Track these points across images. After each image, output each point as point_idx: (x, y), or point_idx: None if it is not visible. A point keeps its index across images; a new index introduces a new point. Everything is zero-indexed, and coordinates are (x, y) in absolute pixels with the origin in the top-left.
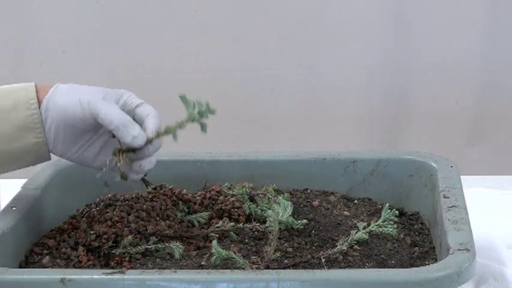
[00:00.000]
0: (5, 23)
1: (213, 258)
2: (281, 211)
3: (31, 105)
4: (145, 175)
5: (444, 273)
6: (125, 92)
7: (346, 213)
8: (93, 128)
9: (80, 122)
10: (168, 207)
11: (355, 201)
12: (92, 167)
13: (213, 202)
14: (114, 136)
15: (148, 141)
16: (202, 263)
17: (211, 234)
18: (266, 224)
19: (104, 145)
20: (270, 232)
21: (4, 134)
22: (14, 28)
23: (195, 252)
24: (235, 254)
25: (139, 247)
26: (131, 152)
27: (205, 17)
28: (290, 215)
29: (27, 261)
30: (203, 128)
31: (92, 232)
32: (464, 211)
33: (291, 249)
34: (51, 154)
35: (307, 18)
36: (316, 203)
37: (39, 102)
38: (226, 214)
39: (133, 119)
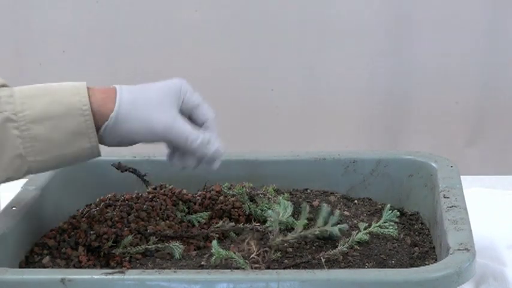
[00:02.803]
0: (4, 22)
1: (213, 258)
2: (281, 211)
3: (84, 111)
4: (144, 175)
5: (444, 273)
6: (182, 87)
7: (346, 213)
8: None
9: (146, 140)
10: (168, 207)
11: (355, 201)
12: None
13: (213, 202)
14: None
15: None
16: (202, 263)
17: (211, 234)
18: (266, 224)
19: None
20: (270, 232)
21: (57, 140)
22: (14, 28)
23: (195, 252)
24: (235, 254)
25: (139, 247)
26: None
27: (205, 17)
28: (290, 215)
29: (27, 261)
30: None
31: (92, 232)
32: (464, 211)
33: (291, 249)
34: None
35: (307, 18)
36: (316, 203)
37: (96, 112)
38: (226, 214)
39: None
